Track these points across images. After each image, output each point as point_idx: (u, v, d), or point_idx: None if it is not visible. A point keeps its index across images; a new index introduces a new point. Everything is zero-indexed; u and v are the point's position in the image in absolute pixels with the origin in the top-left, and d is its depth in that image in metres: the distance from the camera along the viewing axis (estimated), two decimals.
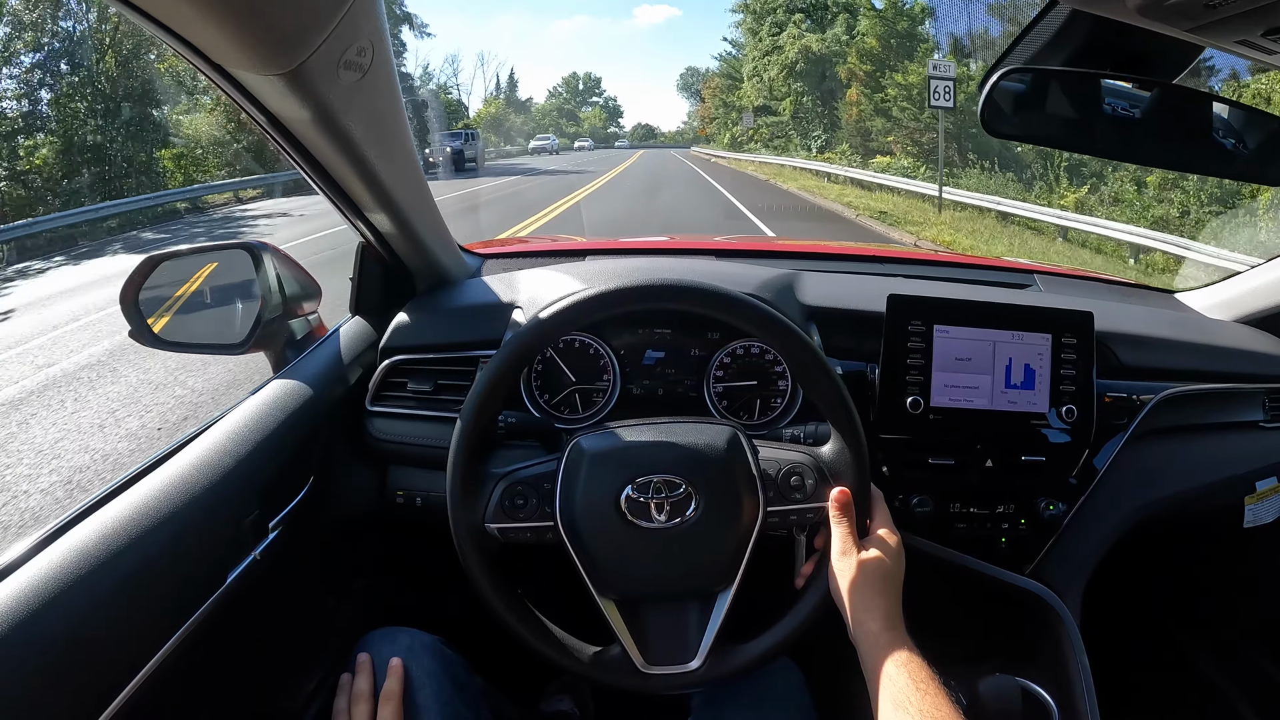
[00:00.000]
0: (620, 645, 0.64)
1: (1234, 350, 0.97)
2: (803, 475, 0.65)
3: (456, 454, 0.63)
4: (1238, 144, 0.76)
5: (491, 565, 0.64)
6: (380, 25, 0.56)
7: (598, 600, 0.64)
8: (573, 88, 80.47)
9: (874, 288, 0.89)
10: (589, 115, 78.11)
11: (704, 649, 0.63)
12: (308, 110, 0.56)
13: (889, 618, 0.59)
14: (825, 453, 0.66)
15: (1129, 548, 0.93)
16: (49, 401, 3.44)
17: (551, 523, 0.64)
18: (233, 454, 0.68)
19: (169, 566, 0.59)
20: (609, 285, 0.64)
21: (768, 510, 0.64)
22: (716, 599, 0.64)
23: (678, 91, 69.96)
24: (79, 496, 2.76)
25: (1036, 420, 0.82)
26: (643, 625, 0.64)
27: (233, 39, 0.47)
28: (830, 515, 0.65)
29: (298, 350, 0.87)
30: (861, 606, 0.59)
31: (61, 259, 8.14)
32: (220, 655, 0.65)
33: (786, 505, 0.64)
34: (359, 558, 0.96)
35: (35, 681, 0.48)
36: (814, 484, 0.65)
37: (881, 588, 0.61)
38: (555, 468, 0.65)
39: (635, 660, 0.63)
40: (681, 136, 77.71)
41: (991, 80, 0.65)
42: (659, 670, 0.63)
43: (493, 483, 0.65)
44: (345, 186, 0.72)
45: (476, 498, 0.64)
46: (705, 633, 0.63)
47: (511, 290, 0.92)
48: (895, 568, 0.63)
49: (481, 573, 0.63)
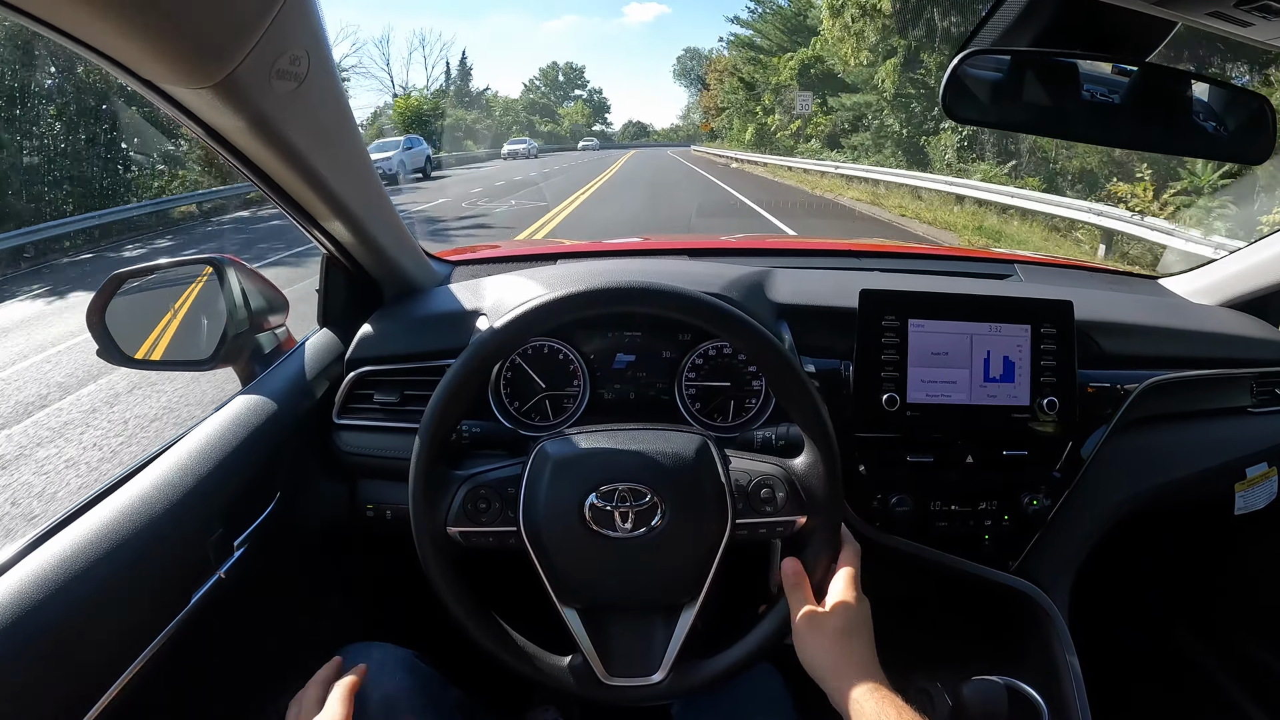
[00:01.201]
0: (582, 655, 0.62)
1: (1219, 335, 0.95)
2: (774, 488, 0.63)
3: (418, 458, 0.62)
4: (1218, 124, 0.74)
5: (452, 569, 0.63)
6: (316, 33, 0.55)
7: (560, 608, 0.62)
8: (551, 80, 72.47)
9: (847, 283, 0.87)
10: (570, 111, 69.63)
11: (667, 662, 0.61)
12: (243, 122, 0.55)
13: (867, 676, 0.57)
14: (798, 465, 0.64)
15: (1118, 540, 0.91)
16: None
17: (514, 528, 0.62)
18: (194, 472, 0.67)
19: (130, 589, 0.59)
20: (571, 289, 0.63)
21: (736, 522, 0.62)
22: (682, 611, 0.62)
23: (674, 78, 62.90)
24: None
25: (1017, 413, 0.80)
26: (605, 636, 0.63)
27: (153, 54, 0.46)
28: (785, 587, 0.63)
29: (265, 364, 0.86)
30: (837, 674, 0.58)
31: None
32: (188, 676, 0.64)
33: (756, 518, 0.63)
34: (331, 573, 0.95)
35: None
36: (785, 497, 0.63)
37: (852, 648, 0.59)
38: (520, 472, 0.64)
39: (597, 671, 0.62)
40: (676, 134, 70.53)
41: (954, 63, 0.62)
42: (620, 682, 0.62)
43: (456, 485, 0.64)
44: (297, 197, 0.70)
45: (439, 501, 0.63)
46: (669, 646, 0.62)
47: (477, 297, 0.90)
48: (864, 625, 0.61)
49: (442, 576, 0.62)
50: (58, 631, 0.52)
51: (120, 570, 0.58)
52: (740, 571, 0.67)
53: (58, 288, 6.94)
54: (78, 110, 10.88)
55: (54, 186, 10.44)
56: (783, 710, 0.72)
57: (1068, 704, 0.80)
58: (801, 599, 0.62)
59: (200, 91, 0.50)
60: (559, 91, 72.25)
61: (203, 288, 0.91)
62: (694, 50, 62.86)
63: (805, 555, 0.64)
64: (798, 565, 0.63)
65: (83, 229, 9.13)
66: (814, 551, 0.64)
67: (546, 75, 72.44)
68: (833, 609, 0.61)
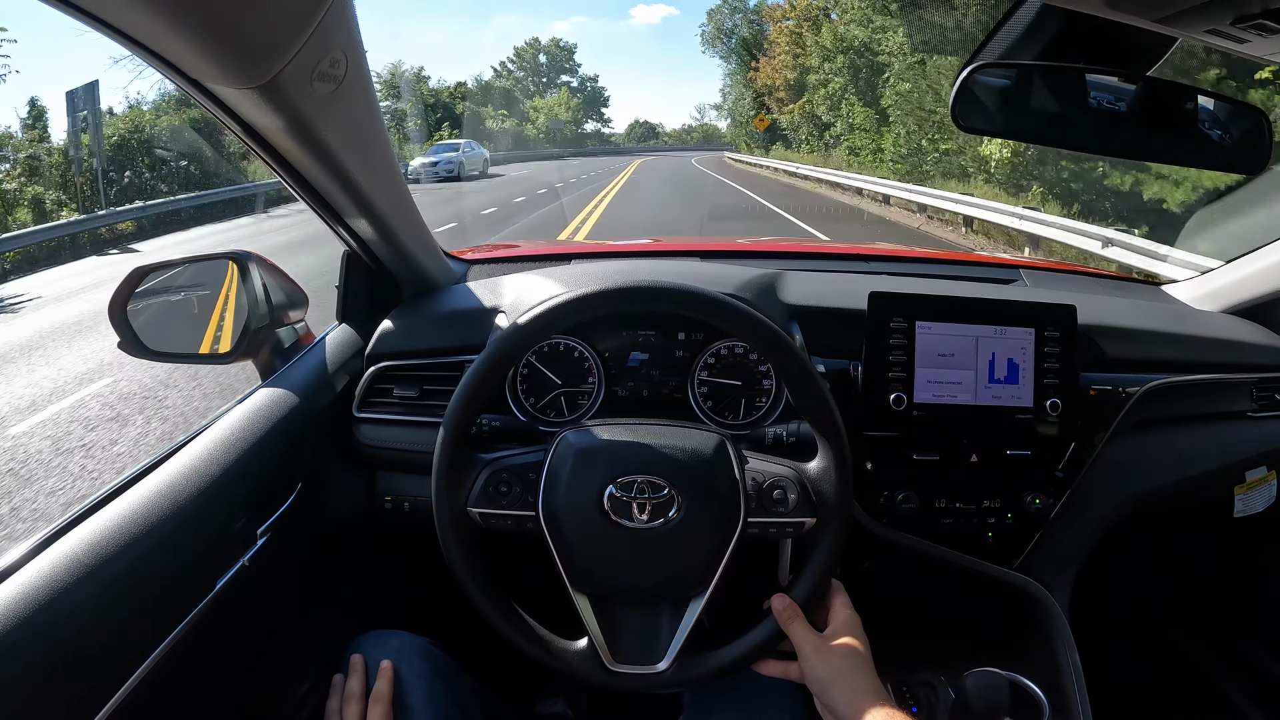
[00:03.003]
0: (589, 640, 0.64)
1: (1220, 340, 0.97)
2: (786, 490, 0.65)
3: (445, 436, 0.64)
4: (1222, 135, 0.76)
5: (468, 547, 0.65)
6: (353, 37, 0.57)
7: (571, 594, 0.64)
8: (530, 61, 50.11)
9: (856, 286, 0.90)
10: (549, 103, 46.88)
11: (672, 652, 0.63)
12: (283, 122, 0.57)
13: (881, 701, 0.59)
14: (811, 468, 0.66)
15: (1119, 541, 0.92)
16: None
17: (533, 513, 0.64)
18: (219, 462, 0.69)
19: (157, 574, 0.60)
20: (590, 288, 0.65)
21: (748, 520, 0.64)
22: (690, 603, 0.64)
23: (703, 45, 37.63)
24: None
25: (1021, 414, 0.82)
26: (614, 623, 0.65)
27: (205, 54, 0.48)
28: (780, 623, 0.65)
29: (285, 358, 0.88)
30: (854, 705, 0.59)
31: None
32: (211, 661, 0.66)
33: (767, 518, 0.65)
34: (349, 562, 0.96)
35: (24, 690, 0.49)
36: (796, 499, 0.65)
37: (863, 674, 0.61)
38: (541, 459, 0.66)
39: (603, 656, 0.63)
40: (689, 135, 52.77)
41: (963, 75, 0.65)
42: (625, 669, 0.63)
43: (479, 468, 0.66)
44: (326, 195, 0.73)
45: (461, 482, 0.65)
46: (675, 636, 0.63)
47: (496, 295, 0.92)
48: (867, 649, 0.63)
49: (459, 553, 0.64)
50: (86, 615, 0.53)
51: (148, 555, 0.59)
52: (750, 567, 0.69)
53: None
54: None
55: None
56: (791, 702, 0.73)
57: (1069, 699, 0.82)
58: (802, 630, 0.63)
59: (246, 92, 0.52)
60: (540, 77, 50.64)
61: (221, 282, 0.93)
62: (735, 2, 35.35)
63: (807, 563, 0.66)
64: (786, 600, 0.65)
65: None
66: (818, 557, 0.65)
67: (524, 55, 50.15)
68: (839, 637, 0.63)
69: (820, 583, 0.66)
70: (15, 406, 3.56)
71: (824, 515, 0.65)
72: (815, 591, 0.65)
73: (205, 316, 0.93)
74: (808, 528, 0.65)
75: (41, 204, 10.09)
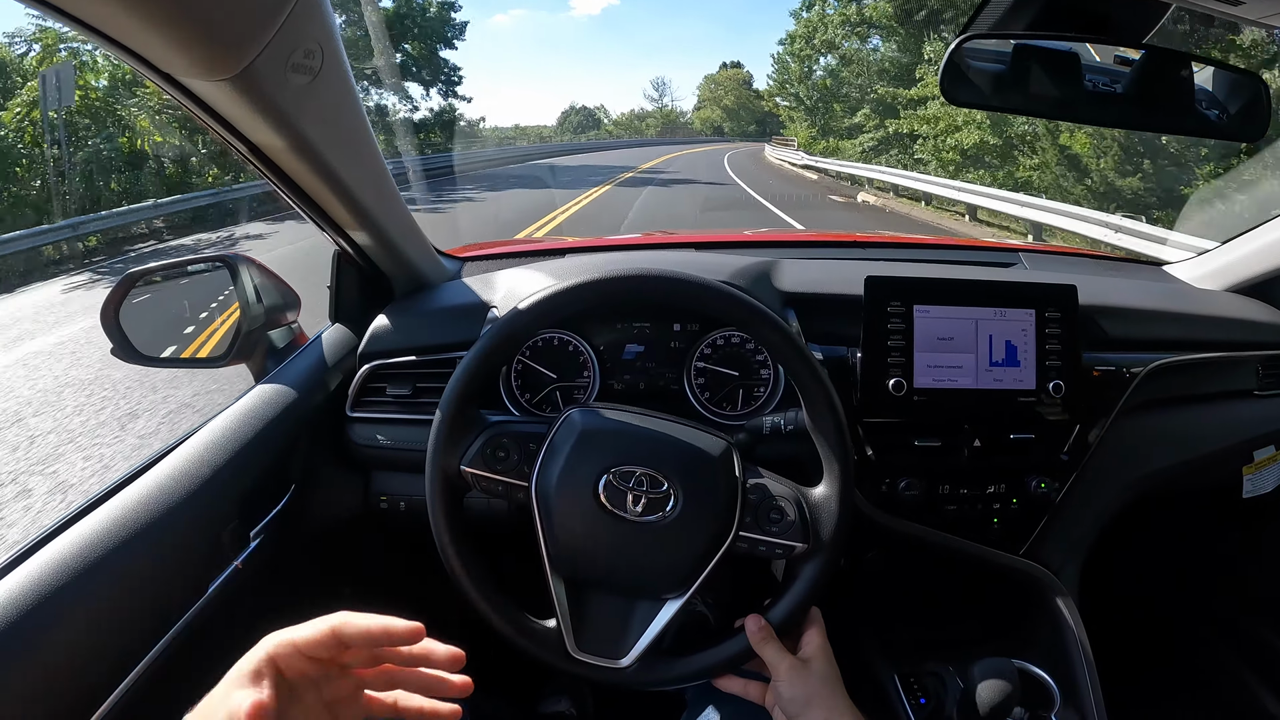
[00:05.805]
0: (557, 622, 0.62)
1: (1223, 319, 0.96)
2: (784, 510, 0.63)
3: (450, 392, 0.63)
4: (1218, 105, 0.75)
5: (453, 506, 0.64)
6: (328, 29, 0.56)
7: (549, 574, 0.63)
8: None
9: (853, 271, 0.88)
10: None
11: (637, 650, 0.61)
12: (259, 114, 0.56)
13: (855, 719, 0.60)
14: (814, 494, 0.65)
15: (1127, 523, 0.91)
16: None
17: (526, 484, 0.63)
18: (210, 464, 0.68)
19: (148, 578, 0.60)
20: (583, 277, 0.64)
21: (739, 534, 0.62)
22: (665, 605, 0.62)
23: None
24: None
25: (1024, 397, 0.80)
26: (585, 610, 0.63)
27: (174, 45, 0.47)
28: (753, 644, 0.63)
29: (279, 360, 0.87)
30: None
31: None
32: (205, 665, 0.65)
33: (759, 534, 0.63)
34: (345, 563, 0.96)
35: (14, 694, 0.48)
36: (792, 521, 0.63)
37: (837, 694, 0.61)
38: (545, 431, 0.64)
39: (567, 641, 0.62)
40: (641, 124, 41.28)
41: (952, 47, 0.63)
42: (586, 658, 0.62)
43: (481, 428, 0.64)
44: (311, 192, 0.72)
45: (461, 440, 0.64)
46: (644, 635, 0.62)
47: (489, 290, 0.91)
48: (836, 670, 0.63)
49: (441, 508, 0.63)
50: (78, 619, 0.53)
51: (141, 557, 0.59)
52: (744, 577, 0.67)
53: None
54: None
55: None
56: None
57: (1078, 684, 0.80)
58: (777, 652, 0.62)
59: (219, 84, 0.51)
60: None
61: (214, 286, 0.93)
62: None
63: (789, 589, 0.64)
64: (760, 621, 0.63)
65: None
66: (801, 585, 0.63)
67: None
68: (814, 659, 0.62)
69: (798, 610, 0.64)
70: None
71: (815, 544, 0.63)
72: (792, 618, 0.63)
73: (197, 321, 0.93)
74: (797, 552, 0.63)
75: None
